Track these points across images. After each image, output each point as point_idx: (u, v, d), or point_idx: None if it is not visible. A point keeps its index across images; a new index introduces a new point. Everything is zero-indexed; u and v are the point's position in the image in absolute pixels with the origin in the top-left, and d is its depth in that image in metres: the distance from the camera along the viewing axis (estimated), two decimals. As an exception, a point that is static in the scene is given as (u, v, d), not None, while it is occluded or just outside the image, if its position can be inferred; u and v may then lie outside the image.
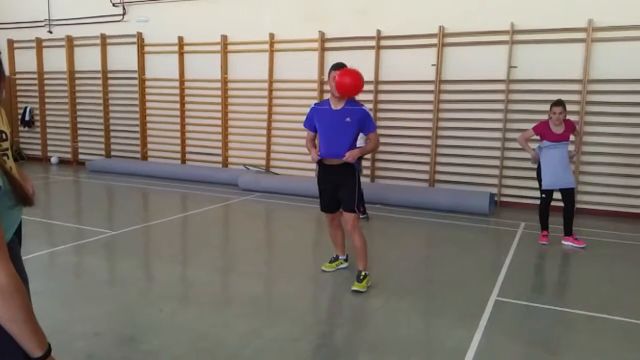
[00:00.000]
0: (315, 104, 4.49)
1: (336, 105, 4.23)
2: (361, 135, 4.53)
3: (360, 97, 4.42)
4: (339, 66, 4.24)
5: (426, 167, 8.59)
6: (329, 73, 4.28)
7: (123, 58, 11.08)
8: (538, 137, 5.90)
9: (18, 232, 1.67)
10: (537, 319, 3.81)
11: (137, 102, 11.06)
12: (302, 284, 4.53)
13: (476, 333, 3.47)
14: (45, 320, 1.35)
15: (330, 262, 4.81)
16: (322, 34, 9.00)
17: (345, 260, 4.86)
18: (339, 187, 4.33)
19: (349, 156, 4.11)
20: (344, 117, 4.18)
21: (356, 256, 4.42)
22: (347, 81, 4.11)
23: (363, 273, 4.30)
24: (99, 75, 11.37)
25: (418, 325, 3.71)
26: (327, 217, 4.63)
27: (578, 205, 7.58)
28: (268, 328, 3.50)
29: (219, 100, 10.19)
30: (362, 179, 4.78)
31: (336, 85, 4.13)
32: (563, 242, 5.90)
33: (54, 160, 12.24)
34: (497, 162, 8.12)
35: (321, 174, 4.44)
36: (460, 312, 3.87)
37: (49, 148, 12.44)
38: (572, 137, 5.94)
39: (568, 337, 3.56)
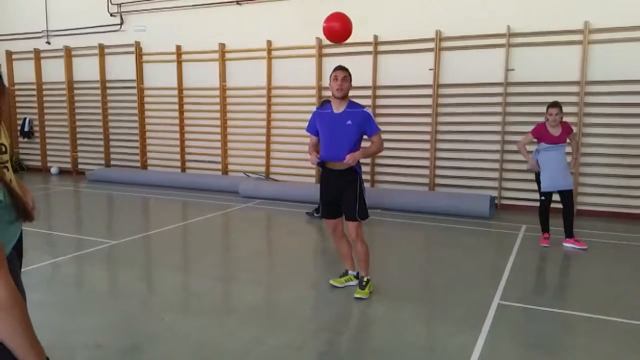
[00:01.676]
0: (317, 108, 4.46)
1: (338, 109, 4.18)
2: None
3: (358, 102, 4.39)
4: (340, 67, 4.18)
5: (426, 171, 8.59)
6: (330, 75, 4.18)
7: (121, 67, 11.11)
8: (536, 141, 5.90)
9: (18, 246, 1.67)
10: (540, 321, 3.80)
11: (136, 111, 11.07)
12: (304, 291, 4.51)
13: (479, 337, 3.46)
14: (46, 331, 1.35)
15: (340, 276, 4.57)
16: (319, 40, 9.02)
17: (356, 277, 4.51)
18: (340, 193, 4.22)
19: (350, 158, 4.02)
20: (345, 121, 4.11)
21: (358, 263, 4.36)
22: (337, 26, 3.99)
23: (365, 279, 4.26)
24: (98, 85, 11.39)
25: (421, 330, 3.70)
26: (328, 225, 4.45)
27: (578, 207, 7.58)
28: (270, 336, 3.49)
29: (217, 107, 10.20)
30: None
31: (324, 31, 4.01)
32: (564, 244, 5.89)
33: (53, 170, 12.24)
34: (496, 165, 8.12)
35: (323, 178, 4.35)
36: (463, 316, 3.86)
37: (49, 158, 12.44)
38: (567, 140, 5.93)
39: (571, 340, 3.55)
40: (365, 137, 4.28)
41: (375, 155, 7.67)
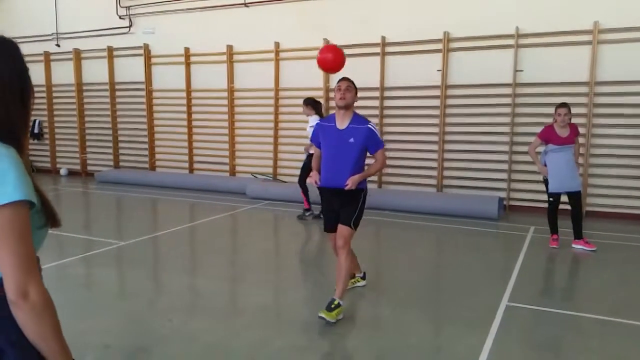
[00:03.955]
0: (320, 120, 4.38)
1: (341, 124, 3.98)
2: None
3: (366, 103, 4.38)
4: (344, 78, 4.09)
5: (434, 173, 8.56)
6: (335, 87, 4.12)
7: (130, 70, 11.18)
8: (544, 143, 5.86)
9: None
10: (549, 324, 3.77)
11: (144, 113, 11.14)
12: (310, 292, 4.51)
13: (487, 339, 3.44)
14: (54, 333, 1.36)
15: None
16: (326, 42, 9.01)
17: (363, 278, 4.54)
18: (341, 206, 4.00)
19: (351, 184, 3.83)
20: (347, 138, 3.93)
21: (337, 278, 3.93)
22: (330, 57, 4.13)
23: (336, 302, 3.78)
24: (107, 87, 11.47)
25: (428, 332, 3.69)
26: (330, 239, 4.25)
27: (588, 208, 7.52)
28: (276, 337, 3.49)
29: (225, 109, 10.23)
30: (370, 186, 4.65)
31: (319, 61, 4.12)
32: (573, 245, 5.85)
33: (63, 171, 12.33)
34: (505, 166, 8.08)
35: (324, 193, 4.15)
36: (471, 318, 3.84)
37: (58, 160, 12.54)
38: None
39: (580, 342, 3.52)
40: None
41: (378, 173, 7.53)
